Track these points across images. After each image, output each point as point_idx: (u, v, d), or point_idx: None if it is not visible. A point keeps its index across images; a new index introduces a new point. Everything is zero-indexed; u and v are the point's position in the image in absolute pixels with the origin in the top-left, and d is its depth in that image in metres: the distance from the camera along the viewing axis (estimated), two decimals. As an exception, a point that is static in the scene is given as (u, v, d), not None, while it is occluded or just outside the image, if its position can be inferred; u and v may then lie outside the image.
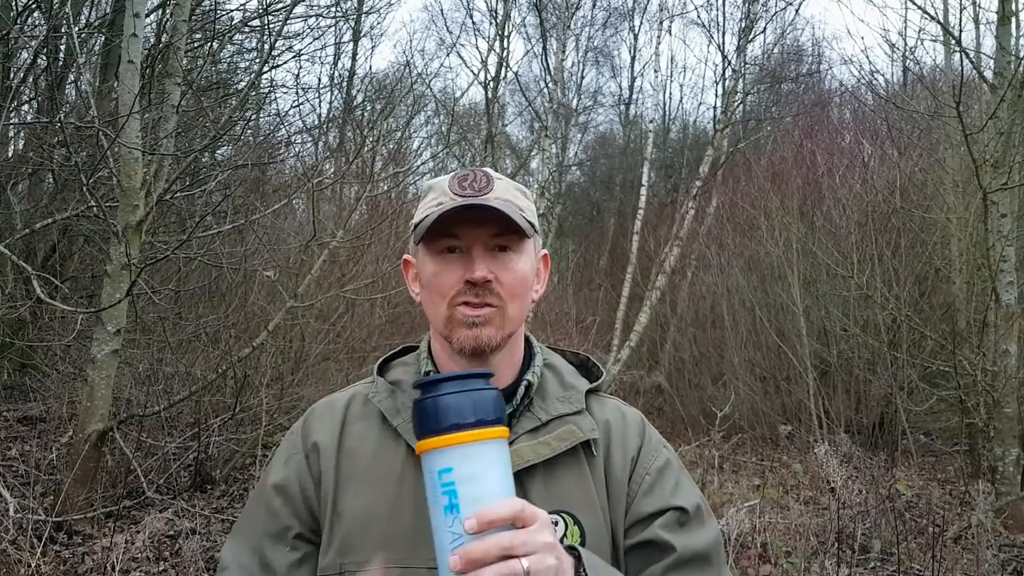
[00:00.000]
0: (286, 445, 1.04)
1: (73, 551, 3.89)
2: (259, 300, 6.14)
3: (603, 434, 1.01)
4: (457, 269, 0.95)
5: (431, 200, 0.99)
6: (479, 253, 0.95)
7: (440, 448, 0.77)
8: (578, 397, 1.02)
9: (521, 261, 0.98)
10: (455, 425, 0.77)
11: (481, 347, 0.95)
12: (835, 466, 6.05)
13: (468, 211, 0.94)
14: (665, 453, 1.03)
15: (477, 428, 0.77)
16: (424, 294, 1.01)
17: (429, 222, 0.94)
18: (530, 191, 1.12)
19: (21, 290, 5.52)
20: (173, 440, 5.25)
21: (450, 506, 0.75)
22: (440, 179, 1.02)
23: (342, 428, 1.00)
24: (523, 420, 0.99)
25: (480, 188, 0.97)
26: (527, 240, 0.98)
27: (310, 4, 8.96)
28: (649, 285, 11.14)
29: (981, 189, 5.13)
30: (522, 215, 0.97)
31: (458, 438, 0.76)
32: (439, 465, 0.76)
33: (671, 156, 18.47)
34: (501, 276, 0.95)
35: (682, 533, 0.94)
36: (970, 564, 4.28)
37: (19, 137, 7.71)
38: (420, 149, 15.34)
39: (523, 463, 0.94)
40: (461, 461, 0.76)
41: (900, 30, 15.85)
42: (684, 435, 8.22)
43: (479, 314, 0.95)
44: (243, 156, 6.72)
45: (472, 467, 0.76)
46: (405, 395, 1.01)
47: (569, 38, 13.85)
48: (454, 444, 0.76)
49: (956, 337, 6.09)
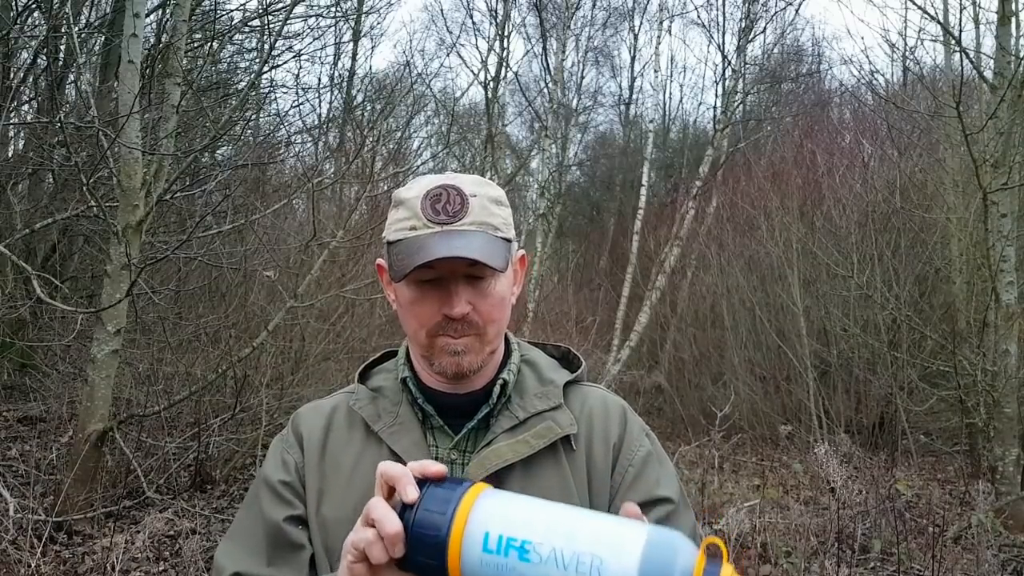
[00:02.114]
0: (279, 446, 1.04)
1: (73, 551, 3.89)
2: (259, 300, 6.14)
3: (584, 426, 1.01)
4: (435, 301, 0.94)
5: (403, 220, 0.95)
6: (456, 286, 0.93)
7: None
8: (556, 392, 1.02)
9: (499, 284, 0.96)
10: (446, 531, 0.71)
11: (463, 372, 0.96)
12: (835, 466, 6.04)
13: (442, 246, 0.90)
14: (646, 442, 1.03)
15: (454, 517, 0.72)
16: (402, 313, 0.99)
17: (407, 259, 0.91)
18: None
19: (21, 290, 5.52)
20: (173, 440, 5.24)
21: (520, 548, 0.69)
22: (410, 193, 0.96)
23: (326, 435, 1.01)
24: (501, 419, 0.99)
25: (454, 212, 0.93)
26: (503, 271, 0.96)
27: (310, 4, 8.96)
28: (649, 285, 11.14)
29: (981, 189, 5.12)
30: (498, 236, 0.95)
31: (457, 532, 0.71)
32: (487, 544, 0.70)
33: (671, 156, 18.45)
34: (479, 305, 0.94)
35: (669, 523, 0.94)
36: (970, 564, 4.28)
37: (19, 137, 7.72)
38: (420, 149, 15.33)
39: (502, 462, 0.94)
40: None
41: (900, 30, 15.84)
42: (684, 435, 8.22)
43: (460, 343, 0.94)
44: (243, 156, 6.72)
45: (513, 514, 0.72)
46: (387, 400, 1.01)
47: (569, 38, 13.86)
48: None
49: (956, 337, 6.08)
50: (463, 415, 0.99)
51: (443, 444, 0.99)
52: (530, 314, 10.36)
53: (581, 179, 19.62)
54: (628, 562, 0.66)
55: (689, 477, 6.16)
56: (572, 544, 0.68)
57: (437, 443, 0.99)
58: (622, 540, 0.67)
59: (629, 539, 0.67)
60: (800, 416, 8.09)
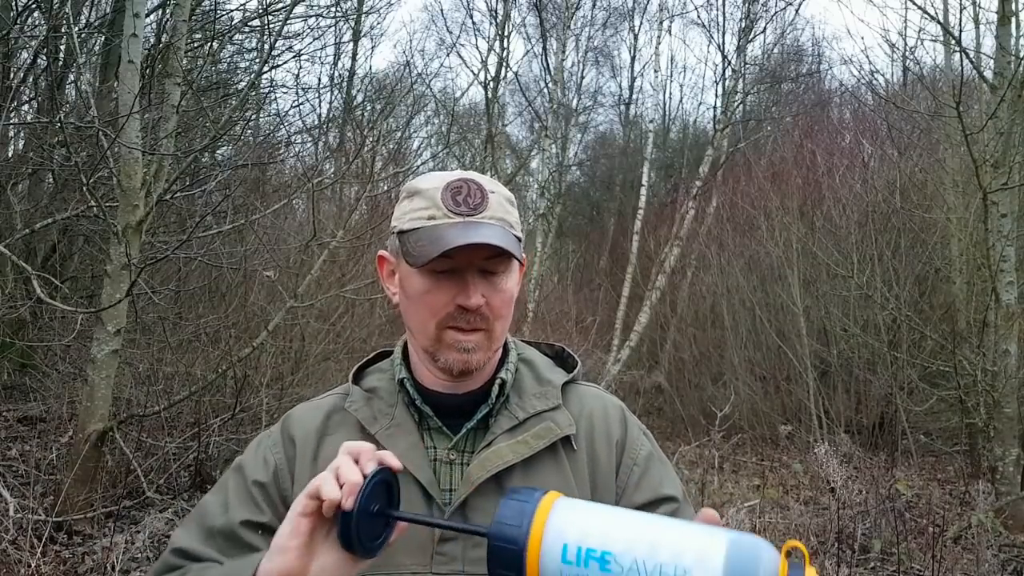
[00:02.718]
0: (263, 443, 1.02)
1: (73, 551, 3.89)
2: (259, 300, 6.13)
3: (586, 426, 1.01)
4: (449, 290, 0.93)
5: (421, 210, 0.94)
6: (472, 277, 0.93)
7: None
8: (554, 392, 1.02)
9: (509, 281, 0.97)
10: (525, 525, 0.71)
11: (469, 370, 0.96)
12: (835, 466, 6.04)
13: (465, 235, 0.90)
14: (646, 441, 1.05)
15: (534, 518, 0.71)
16: (409, 305, 0.98)
17: (429, 247, 0.90)
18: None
19: (21, 290, 5.52)
20: (173, 440, 5.24)
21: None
22: (428, 184, 0.96)
23: (320, 437, 1.00)
24: (500, 419, 0.99)
25: (475, 205, 0.93)
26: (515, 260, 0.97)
27: (310, 4, 8.95)
28: (649, 285, 11.14)
29: (981, 189, 5.12)
30: (512, 233, 0.95)
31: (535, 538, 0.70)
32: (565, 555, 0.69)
33: (671, 156, 18.45)
34: (491, 299, 0.94)
35: None
36: (970, 564, 4.28)
37: (19, 137, 7.71)
38: (420, 149, 15.32)
39: (503, 463, 0.94)
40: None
41: (900, 30, 15.83)
42: (684, 435, 8.22)
43: (470, 340, 0.94)
44: (243, 156, 6.72)
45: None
46: (382, 402, 1.00)
47: (569, 38, 13.86)
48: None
49: (956, 337, 6.08)
50: (461, 415, 0.99)
51: (441, 445, 0.98)
52: (530, 314, 10.36)
53: (581, 179, 19.62)
54: (713, 569, 0.65)
55: (689, 477, 6.16)
56: (654, 554, 0.67)
57: (435, 444, 0.98)
58: (705, 548, 0.67)
59: (711, 546, 0.66)
60: (800, 416, 8.10)
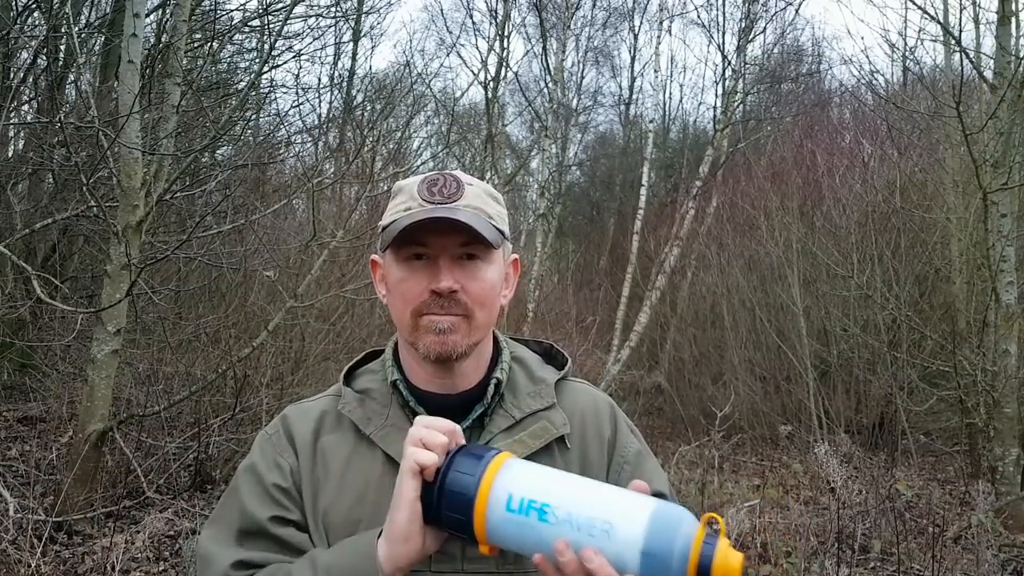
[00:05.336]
0: (269, 444, 1.01)
1: (73, 551, 3.89)
2: (259, 300, 6.14)
3: (577, 423, 1.02)
4: (423, 278, 0.94)
5: (400, 204, 0.98)
6: (446, 263, 0.94)
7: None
8: (548, 391, 1.03)
9: (489, 270, 0.97)
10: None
11: (447, 353, 0.95)
12: (835, 466, 6.05)
13: (436, 220, 0.92)
14: (635, 439, 1.06)
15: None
16: (390, 298, 1.00)
17: (397, 229, 0.93)
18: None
19: (21, 290, 5.52)
20: (173, 440, 5.24)
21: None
22: (410, 181, 0.99)
23: (316, 439, 1.00)
24: (496, 418, 0.99)
25: (449, 195, 0.95)
26: (495, 249, 0.97)
27: (310, 4, 8.94)
28: (649, 285, 11.13)
29: (981, 189, 5.12)
30: (491, 224, 0.96)
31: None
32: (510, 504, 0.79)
33: (671, 156, 18.45)
34: (468, 285, 0.95)
35: None
36: (970, 564, 4.28)
37: (19, 137, 7.71)
38: (420, 149, 15.35)
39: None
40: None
41: (900, 30, 15.85)
42: (684, 435, 8.21)
43: (444, 320, 0.94)
44: (243, 156, 6.72)
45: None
46: (376, 403, 1.01)
47: (569, 38, 13.85)
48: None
49: (956, 337, 6.08)
50: (456, 416, 0.98)
51: None
52: (530, 314, 10.36)
53: (581, 179, 19.63)
54: (636, 528, 0.73)
55: (689, 477, 6.16)
56: (587, 510, 0.76)
57: None
58: (631, 509, 0.75)
59: (638, 509, 0.75)
60: (800, 416, 8.09)
